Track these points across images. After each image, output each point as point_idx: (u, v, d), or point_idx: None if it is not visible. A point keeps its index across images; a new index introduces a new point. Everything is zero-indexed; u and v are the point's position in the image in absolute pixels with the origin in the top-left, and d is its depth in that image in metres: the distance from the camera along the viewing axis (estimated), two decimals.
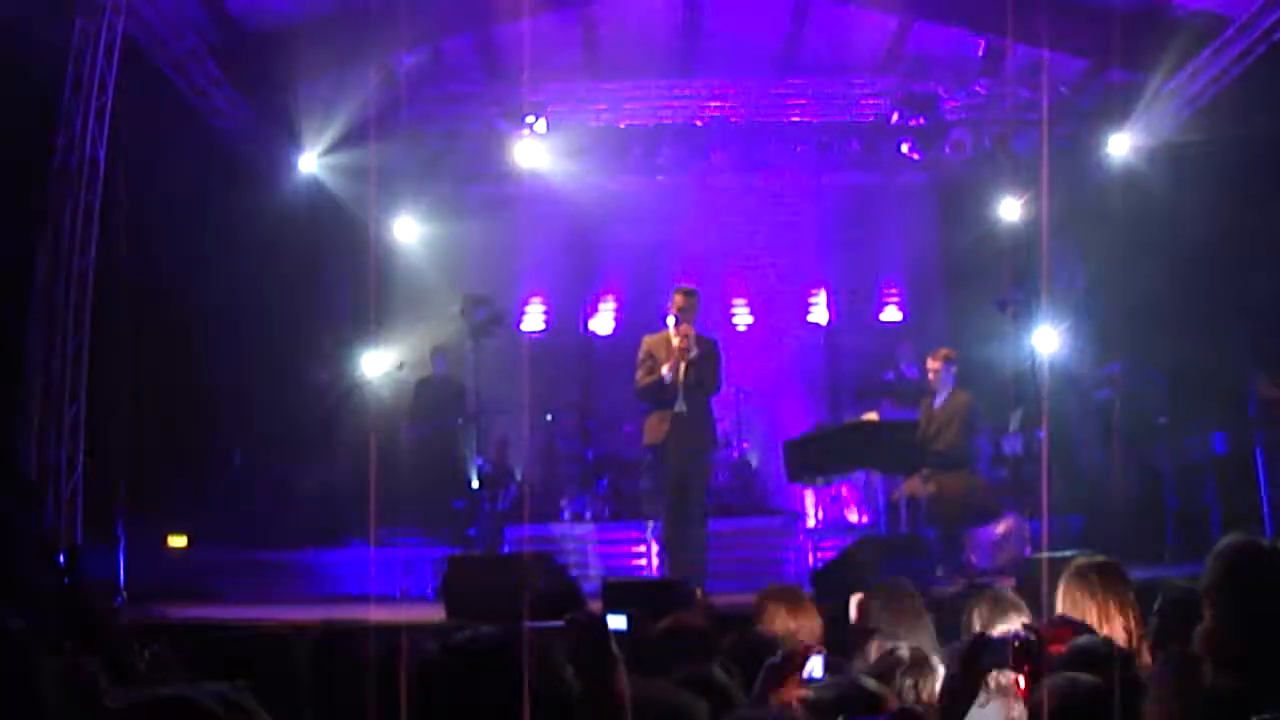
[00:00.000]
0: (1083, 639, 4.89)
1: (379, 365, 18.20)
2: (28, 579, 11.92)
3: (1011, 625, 5.56)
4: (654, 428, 12.74)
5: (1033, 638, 4.66)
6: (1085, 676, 4.37)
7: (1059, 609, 5.83)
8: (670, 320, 12.70)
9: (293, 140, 17.12)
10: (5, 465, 12.83)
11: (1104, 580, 5.83)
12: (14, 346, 13.08)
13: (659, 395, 12.64)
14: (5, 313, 13.01)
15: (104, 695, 3.38)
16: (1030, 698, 4.37)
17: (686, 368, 12.53)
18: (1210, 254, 14.74)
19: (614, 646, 4.06)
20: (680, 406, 12.55)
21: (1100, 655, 4.59)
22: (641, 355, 12.80)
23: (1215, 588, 4.56)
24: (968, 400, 14.33)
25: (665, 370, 12.53)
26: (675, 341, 12.58)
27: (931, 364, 14.57)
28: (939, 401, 14.32)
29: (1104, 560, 6.00)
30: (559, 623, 4.13)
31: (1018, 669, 4.55)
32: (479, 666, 3.38)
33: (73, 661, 5.22)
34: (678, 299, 12.74)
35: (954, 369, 14.45)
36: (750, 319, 20.28)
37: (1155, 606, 5.74)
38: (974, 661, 4.57)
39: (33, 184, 13.16)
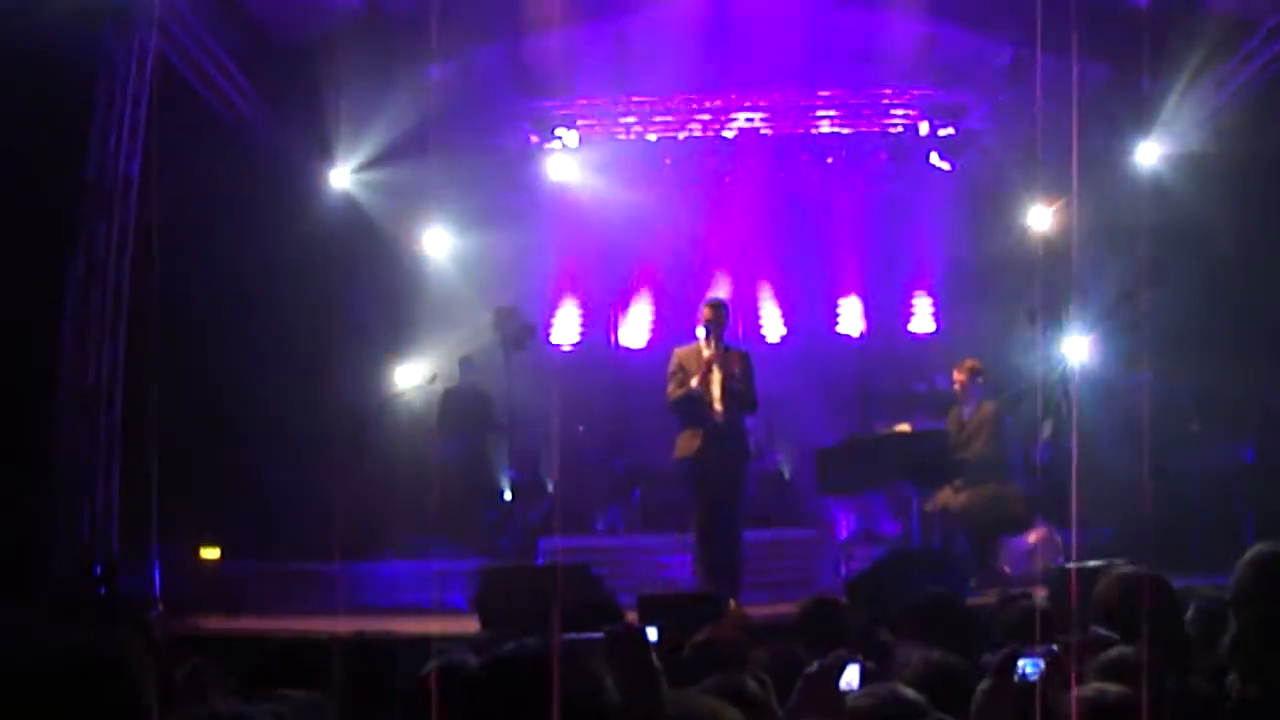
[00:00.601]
0: (1114, 651, 4.89)
1: (411, 378, 18.24)
2: (66, 590, 12.03)
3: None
4: (686, 441, 12.72)
5: (1066, 651, 4.66)
6: (1114, 687, 4.37)
7: (1094, 619, 5.83)
8: (700, 332, 12.72)
9: (323, 153, 17.20)
10: (42, 478, 12.91)
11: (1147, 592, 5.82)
12: (50, 360, 13.16)
13: (691, 408, 12.66)
14: (41, 326, 13.09)
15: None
16: (1058, 708, 4.38)
17: (722, 381, 12.56)
18: (1240, 262, 14.74)
19: (654, 659, 4.09)
20: (716, 419, 12.56)
21: (1131, 666, 4.60)
22: (672, 368, 12.80)
23: (1243, 598, 4.57)
24: (996, 410, 14.34)
25: (694, 382, 12.55)
26: (705, 354, 12.60)
27: (957, 375, 14.59)
28: (967, 412, 14.34)
29: (1146, 572, 5.97)
30: (597, 635, 4.16)
31: (1051, 682, 4.54)
32: (522, 678, 3.41)
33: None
34: (706, 312, 12.75)
35: (980, 379, 14.47)
36: (782, 330, 20.27)
37: (1187, 616, 5.75)
38: (1008, 674, 4.57)
39: (67, 199, 13.25)
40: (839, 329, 20.35)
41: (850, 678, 4.82)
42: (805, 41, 17.66)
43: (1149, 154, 16.69)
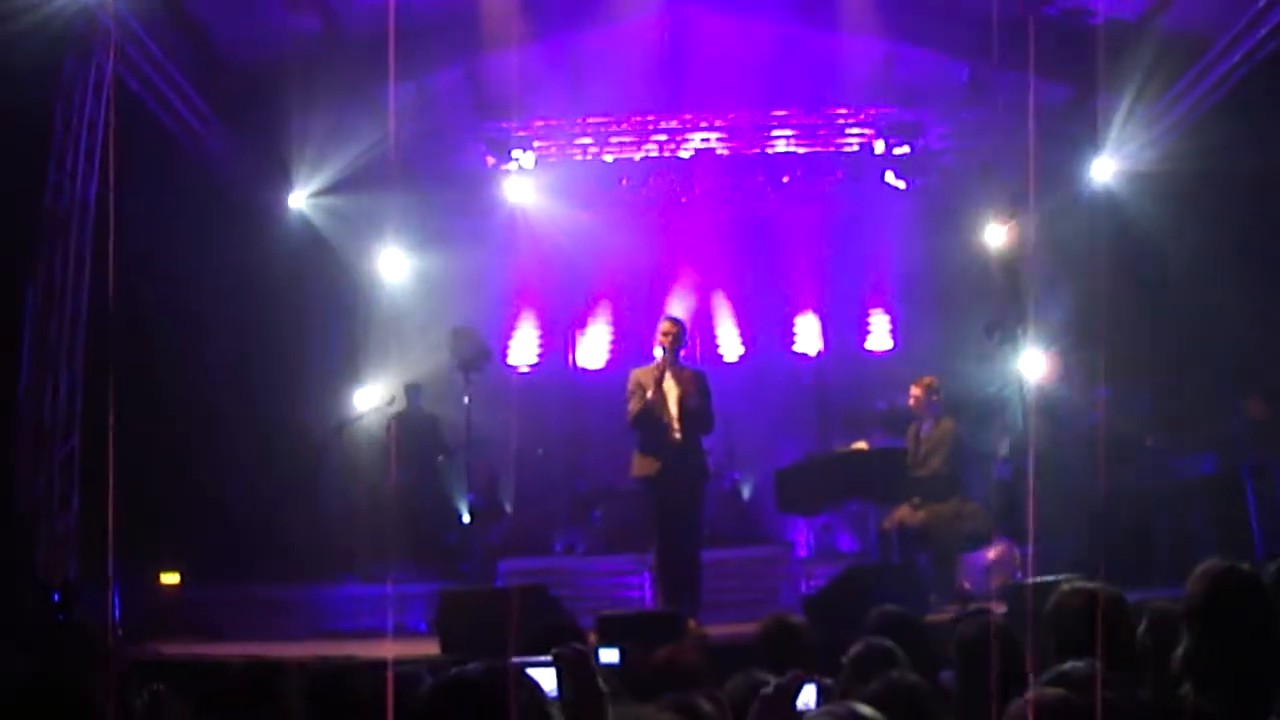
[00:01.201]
0: (1066, 665, 4.91)
1: (369, 400, 18.20)
2: (24, 616, 11.97)
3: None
4: (644, 461, 12.75)
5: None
6: (1067, 693, 4.39)
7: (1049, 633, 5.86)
8: (657, 351, 12.75)
9: (281, 175, 17.21)
10: (1, 506, 12.88)
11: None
12: (6, 384, 13.12)
13: (649, 427, 12.67)
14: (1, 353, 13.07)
15: None
16: (1013, 711, 4.39)
17: (679, 400, 12.59)
18: (1194, 277, 14.83)
19: (600, 682, 4.09)
20: (673, 440, 12.59)
21: (1082, 680, 4.63)
22: (630, 387, 12.81)
23: (1195, 611, 4.63)
24: (953, 427, 14.40)
25: (649, 393, 12.57)
26: (662, 372, 12.64)
27: (914, 392, 14.63)
28: (925, 429, 14.39)
29: (1101, 587, 5.99)
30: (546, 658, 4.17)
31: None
32: (466, 702, 3.42)
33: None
34: (664, 326, 12.83)
35: (937, 396, 14.53)
36: (740, 349, 20.30)
37: (1140, 628, 5.78)
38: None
39: (25, 224, 13.22)
40: (796, 347, 20.38)
41: (807, 698, 4.83)
42: (761, 61, 17.72)
43: (1104, 172, 16.78)
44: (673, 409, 12.60)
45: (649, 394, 12.57)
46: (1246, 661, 4.47)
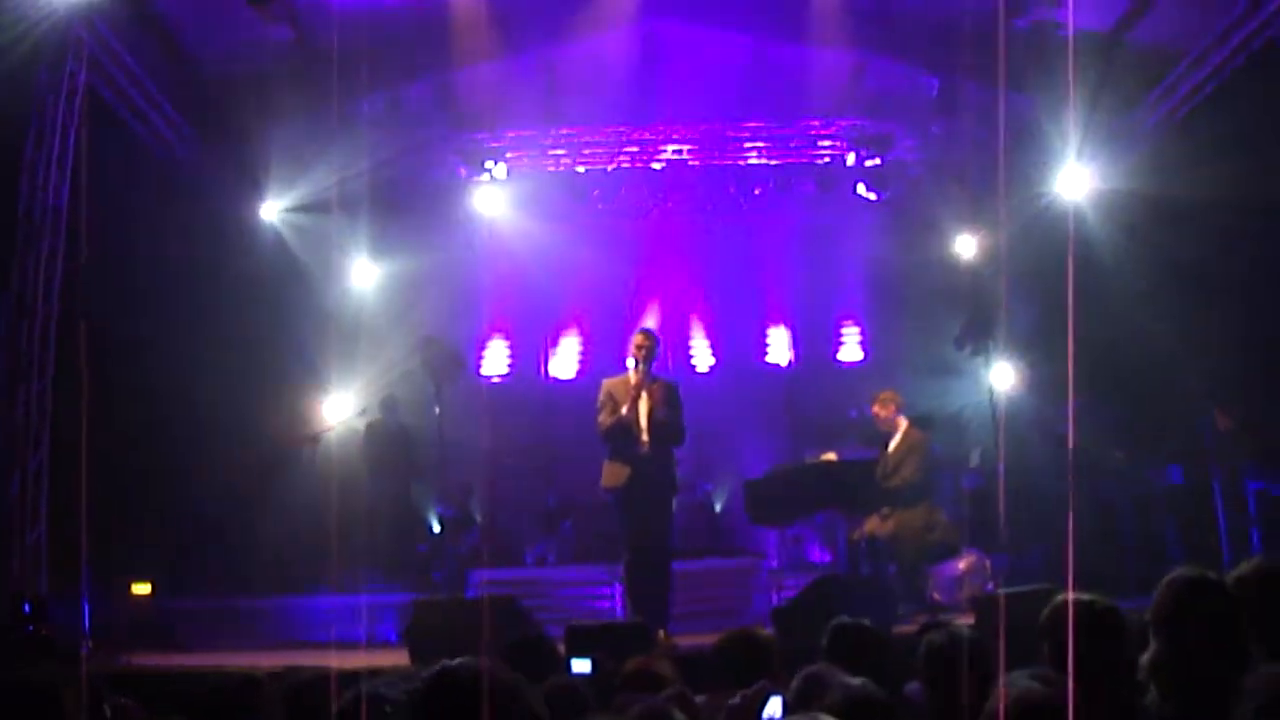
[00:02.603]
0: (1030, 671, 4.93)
1: (341, 411, 18.18)
2: None
3: None
4: (614, 471, 12.71)
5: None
6: (1038, 685, 4.41)
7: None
8: (630, 362, 12.76)
9: (252, 186, 17.21)
10: None
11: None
12: None
13: (619, 438, 12.67)
14: None
15: None
16: (984, 705, 4.41)
17: (649, 411, 12.61)
18: (1164, 289, 14.89)
19: (534, 707, 4.05)
20: (642, 450, 12.61)
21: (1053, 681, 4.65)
22: (601, 398, 12.78)
23: (1162, 619, 4.68)
24: (923, 437, 14.44)
25: (624, 410, 12.58)
26: (634, 384, 12.65)
27: (879, 411, 14.62)
28: (894, 441, 14.40)
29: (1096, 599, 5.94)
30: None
31: None
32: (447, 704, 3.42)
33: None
34: (636, 340, 12.79)
35: (898, 406, 14.54)
36: (711, 360, 20.35)
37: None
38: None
39: None
40: (768, 358, 20.44)
41: (773, 709, 4.86)
42: (733, 73, 17.77)
43: (1073, 184, 16.84)
44: (643, 420, 12.61)
45: (624, 410, 12.56)
46: (1211, 669, 4.52)
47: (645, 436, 12.56)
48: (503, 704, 3.32)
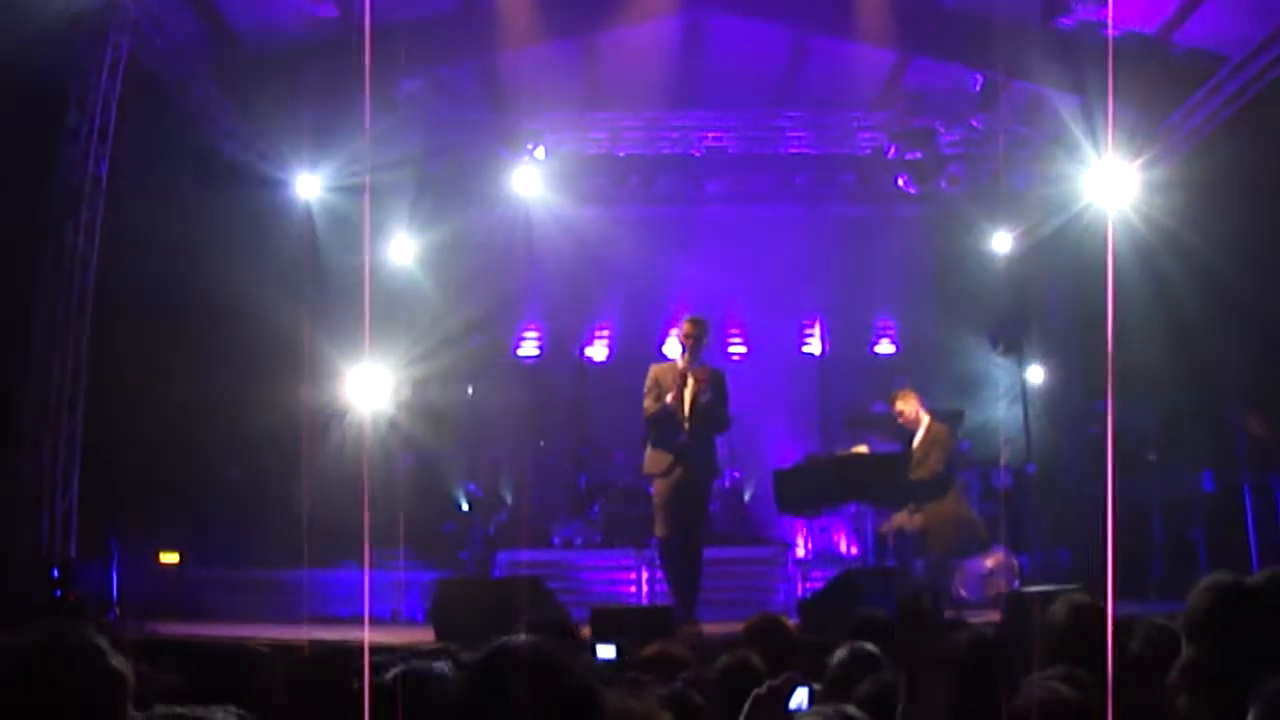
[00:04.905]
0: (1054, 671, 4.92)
1: (373, 387, 18.18)
2: (21, 592, 12.00)
3: None
4: (657, 459, 12.72)
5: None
6: (1067, 689, 4.40)
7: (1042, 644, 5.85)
8: (678, 348, 12.73)
9: (292, 161, 17.20)
10: (4, 482, 12.90)
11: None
12: (14, 361, 13.15)
13: (663, 425, 12.66)
14: (6, 328, 13.08)
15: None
16: (1011, 706, 4.40)
17: (694, 398, 12.59)
18: (1203, 291, 14.82)
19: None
20: (683, 438, 12.59)
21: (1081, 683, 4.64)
22: (648, 384, 12.75)
23: (1195, 624, 4.65)
24: (945, 428, 14.39)
25: (669, 398, 12.55)
26: (680, 370, 12.63)
27: (901, 408, 14.52)
28: (918, 437, 14.31)
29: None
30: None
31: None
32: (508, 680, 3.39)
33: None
34: (686, 327, 12.73)
35: (918, 403, 14.48)
36: (744, 349, 20.31)
37: (1134, 642, 5.78)
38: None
39: (36, 201, 13.25)
40: (803, 349, 20.39)
41: (800, 699, 4.84)
42: (775, 64, 17.74)
43: (1114, 184, 16.75)
44: (687, 408, 12.59)
45: (669, 398, 12.55)
46: (1244, 675, 4.50)
47: (688, 424, 12.53)
48: (565, 683, 3.29)
